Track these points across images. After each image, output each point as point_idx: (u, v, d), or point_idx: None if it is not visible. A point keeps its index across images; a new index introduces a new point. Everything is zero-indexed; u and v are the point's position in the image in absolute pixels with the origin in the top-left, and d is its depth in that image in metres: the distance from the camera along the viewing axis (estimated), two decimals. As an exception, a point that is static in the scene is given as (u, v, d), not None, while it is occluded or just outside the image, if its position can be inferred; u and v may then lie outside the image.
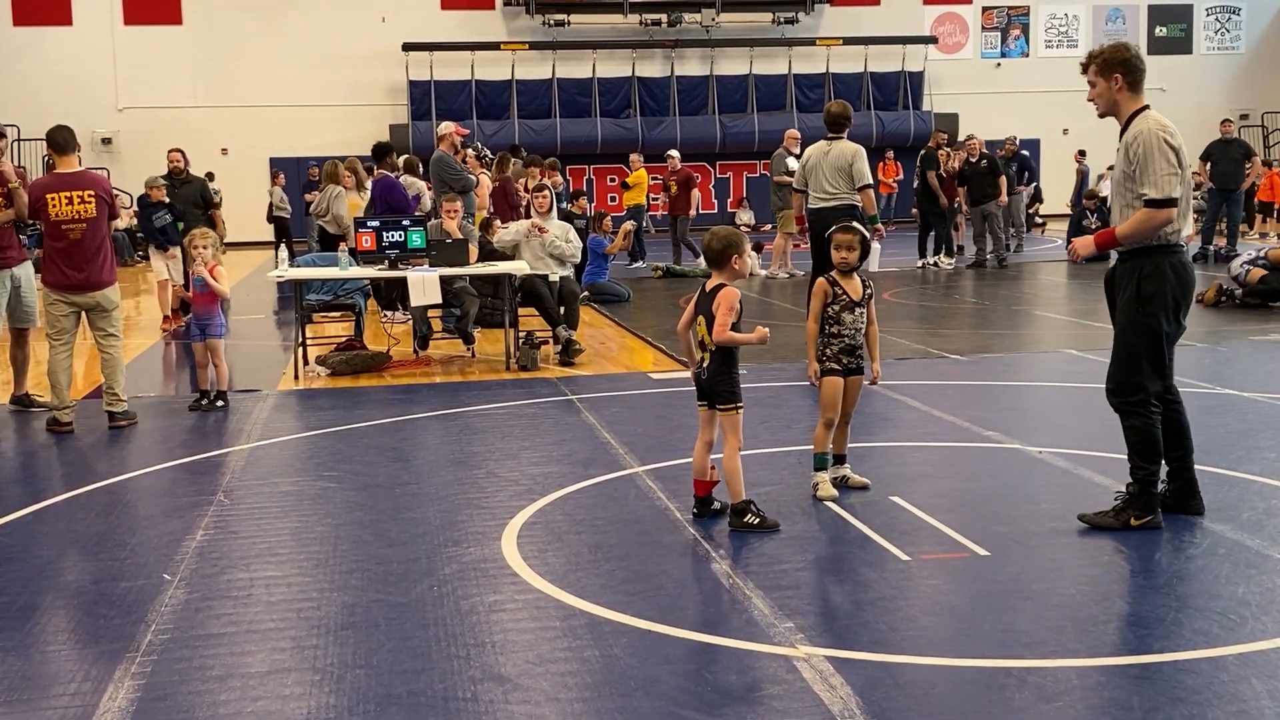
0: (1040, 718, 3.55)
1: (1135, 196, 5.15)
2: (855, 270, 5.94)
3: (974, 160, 17.95)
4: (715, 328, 5.35)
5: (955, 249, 19.00)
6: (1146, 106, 5.30)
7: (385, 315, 12.94)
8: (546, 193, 11.09)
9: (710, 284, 5.49)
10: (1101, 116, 5.48)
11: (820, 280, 5.94)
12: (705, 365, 5.45)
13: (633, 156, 20.31)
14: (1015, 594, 4.58)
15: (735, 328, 5.36)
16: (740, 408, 5.43)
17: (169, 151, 13.81)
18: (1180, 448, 5.40)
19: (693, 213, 18.80)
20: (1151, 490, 5.29)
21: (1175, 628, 4.19)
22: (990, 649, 4.06)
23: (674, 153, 19.68)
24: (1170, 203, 5.07)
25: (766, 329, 5.57)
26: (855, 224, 6.15)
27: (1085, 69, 5.38)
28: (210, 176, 19.50)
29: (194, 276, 8.66)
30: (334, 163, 14.59)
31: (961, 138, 27.24)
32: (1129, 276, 5.21)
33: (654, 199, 21.84)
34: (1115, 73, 5.27)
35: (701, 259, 16.82)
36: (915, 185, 17.98)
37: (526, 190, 14.88)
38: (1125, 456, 5.35)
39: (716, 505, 5.57)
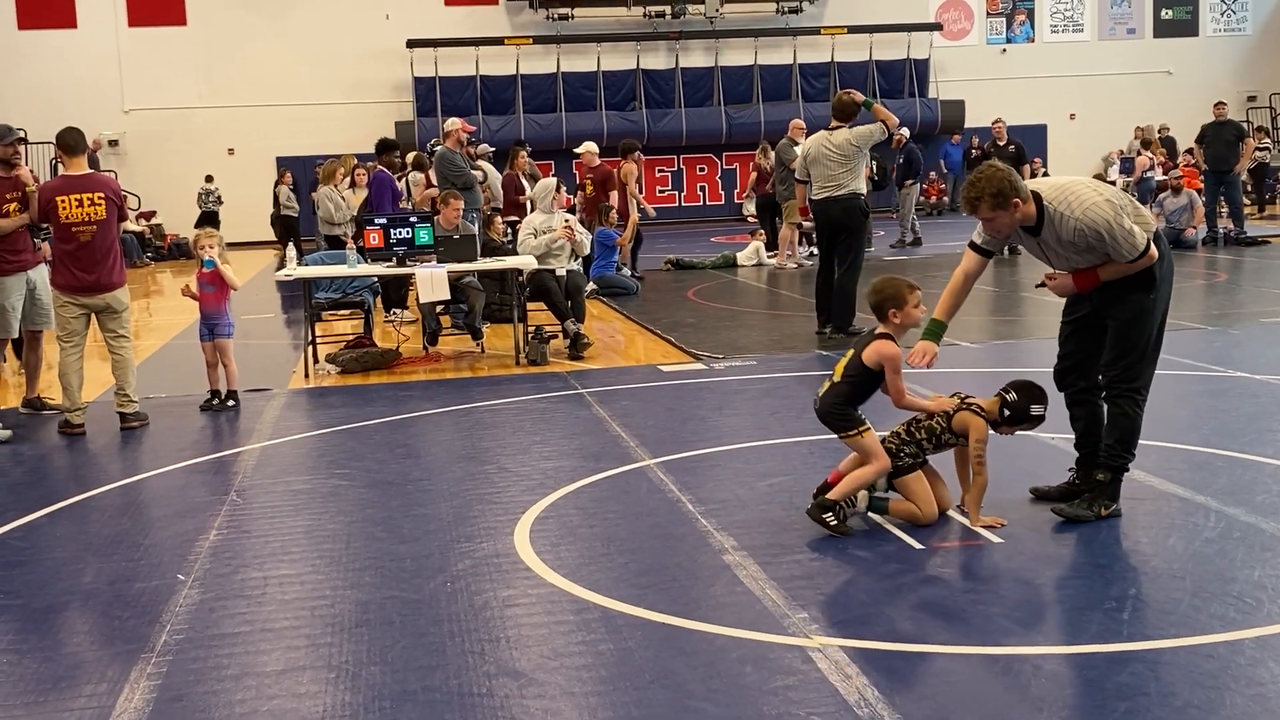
0: (1056, 704, 3.54)
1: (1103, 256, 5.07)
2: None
3: (1001, 144, 17.97)
4: (893, 393, 5.21)
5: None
6: (1037, 196, 5.05)
7: (391, 315, 12.93)
8: (567, 196, 11.15)
9: (878, 329, 5.31)
10: (1008, 237, 5.20)
11: (983, 422, 5.28)
12: (821, 394, 5.35)
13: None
14: (1029, 581, 4.57)
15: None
16: (864, 430, 5.22)
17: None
18: (1099, 437, 5.35)
19: (614, 219, 15.14)
20: (1120, 479, 5.28)
21: (1191, 612, 4.17)
22: (1005, 637, 4.05)
23: (590, 145, 15.68)
24: (1146, 248, 5.02)
25: (952, 399, 5.32)
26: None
27: (975, 211, 5.07)
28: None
29: (201, 267, 8.60)
30: (331, 163, 14.75)
31: (971, 124, 27.31)
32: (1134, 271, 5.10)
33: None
34: (1013, 199, 4.98)
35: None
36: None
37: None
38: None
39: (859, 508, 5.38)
